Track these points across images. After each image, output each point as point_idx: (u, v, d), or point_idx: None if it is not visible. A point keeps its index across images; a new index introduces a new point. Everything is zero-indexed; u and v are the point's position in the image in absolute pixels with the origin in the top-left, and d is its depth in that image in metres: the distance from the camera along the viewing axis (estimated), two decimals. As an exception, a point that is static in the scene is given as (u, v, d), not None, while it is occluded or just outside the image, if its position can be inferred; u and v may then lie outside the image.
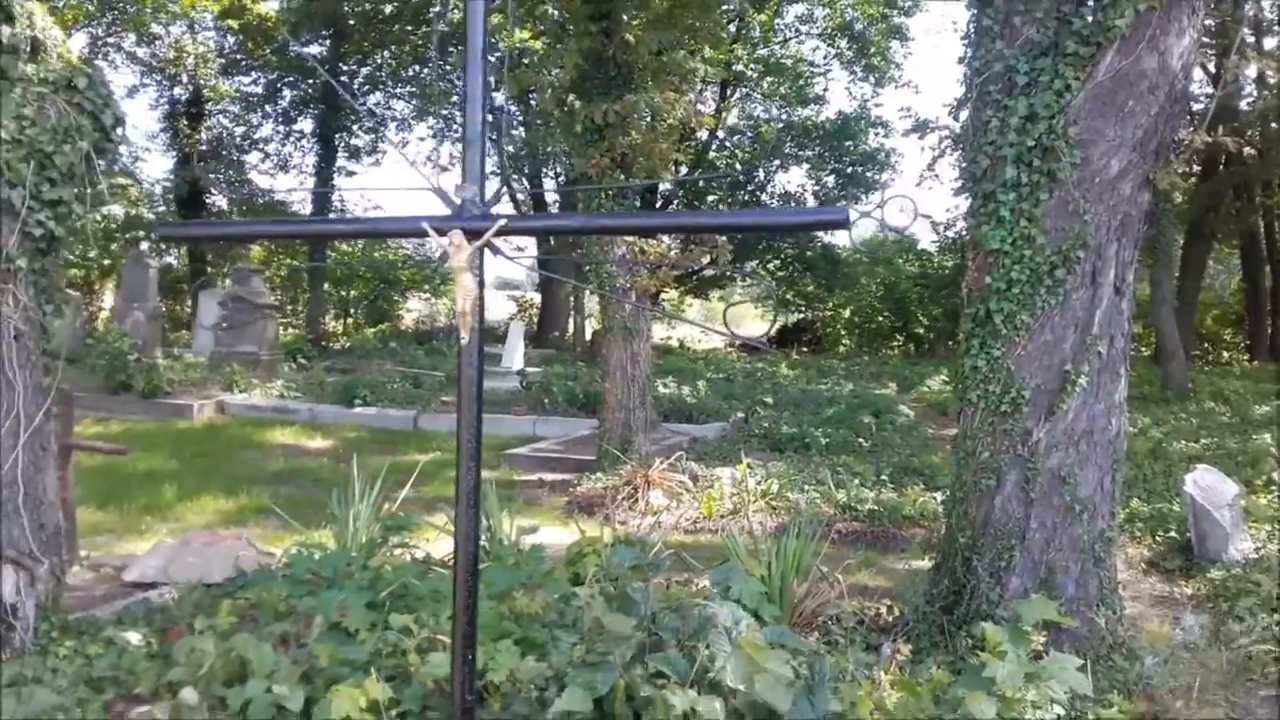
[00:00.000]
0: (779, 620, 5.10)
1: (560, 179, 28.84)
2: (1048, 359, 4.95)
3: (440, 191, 1.99)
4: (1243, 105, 20.92)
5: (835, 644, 5.00)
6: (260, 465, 10.74)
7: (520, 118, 27.44)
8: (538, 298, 33.54)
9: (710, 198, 31.61)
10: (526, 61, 10.11)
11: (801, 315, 35.33)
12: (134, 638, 4.18)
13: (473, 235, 1.89)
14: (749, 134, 31.47)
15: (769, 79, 30.52)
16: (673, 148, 9.44)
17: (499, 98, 29.14)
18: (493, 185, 2.01)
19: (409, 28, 25.47)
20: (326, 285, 31.00)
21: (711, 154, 30.86)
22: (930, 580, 5.42)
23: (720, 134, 30.88)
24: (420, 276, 34.95)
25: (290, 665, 3.31)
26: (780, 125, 30.96)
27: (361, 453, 11.11)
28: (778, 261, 32.76)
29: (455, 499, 1.95)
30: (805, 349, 30.75)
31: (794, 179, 36.68)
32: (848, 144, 30.43)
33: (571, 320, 30.83)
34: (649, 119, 9.55)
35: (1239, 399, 15.48)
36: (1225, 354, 30.57)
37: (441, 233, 1.92)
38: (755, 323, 46.51)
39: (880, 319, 33.42)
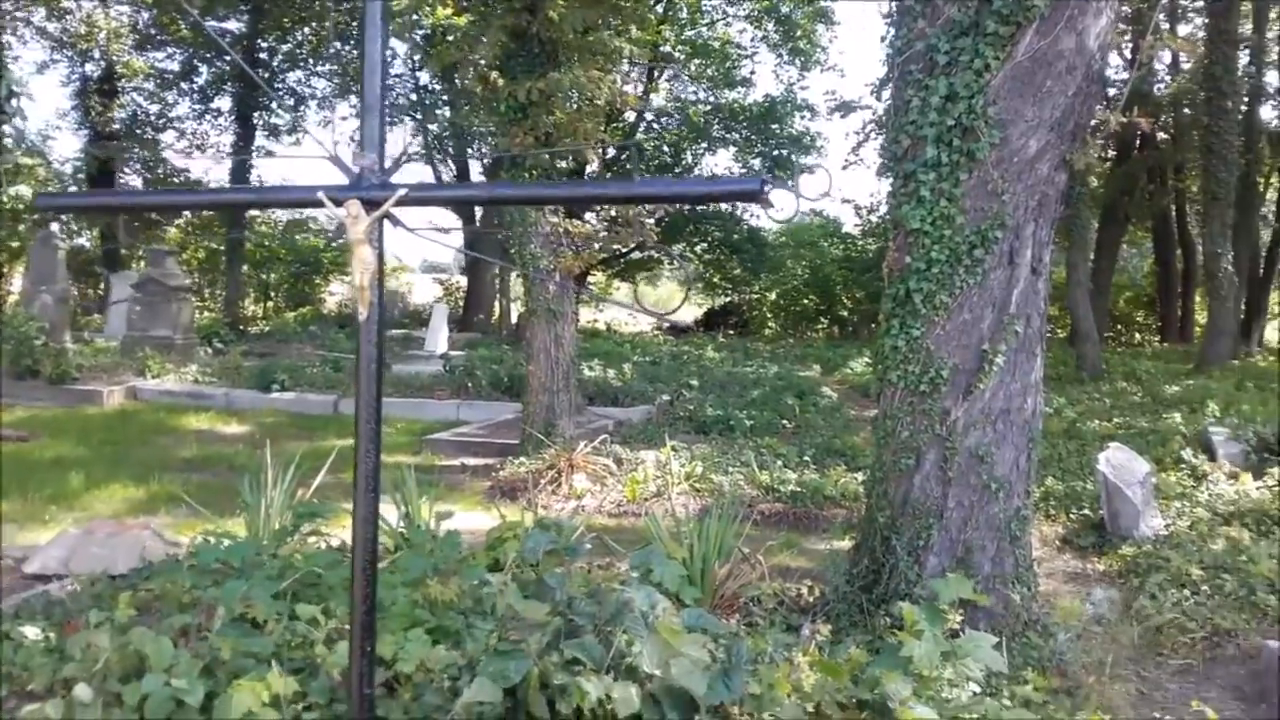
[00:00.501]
0: (700, 602, 5.07)
1: (486, 159, 28.49)
2: (966, 339, 4.98)
3: (337, 160, 1.89)
4: (1156, 90, 21.45)
5: (755, 625, 4.99)
6: (173, 452, 10.42)
7: (445, 97, 27.04)
8: (464, 281, 33.18)
9: (638, 179, 31.48)
10: (451, 39, 9.88)
11: (728, 298, 35.49)
12: (31, 632, 3.98)
13: (371, 205, 1.79)
14: (677, 116, 31.39)
15: (696, 61, 30.48)
16: (597, 127, 9.33)
17: (423, 76, 28.77)
18: (394, 152, 1.92)
19: (329, 3, 24.88)
20: (246, 268, 30.26)
21: (639, 135, 30.73)
22: (850, 560, 5.44)
23: (648, 116, 30.77)
24: (343, 259, 34.38)
25: (190, 659, 3.17)
26: (708, 108, 30.96)
27: (279, 438, 10.87)
28: (704, 244, 32.80)
29: (354, 483, 1.86)
30: (732, 332, 30.92)
31: (721, 161, 36.78)
32: (774, 127, 30.53)
33: (497, 303, 30.55)
34: (574, 98, 9.43)
35: (1150, 379, 15.90)
36: (1138, 335, 31.44)
37: (338, 203, 1.82)
38: (683, 306, 46.58)
39: (805, 302, 33.71)
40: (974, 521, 4.98)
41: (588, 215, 10.08)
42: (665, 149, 31.25)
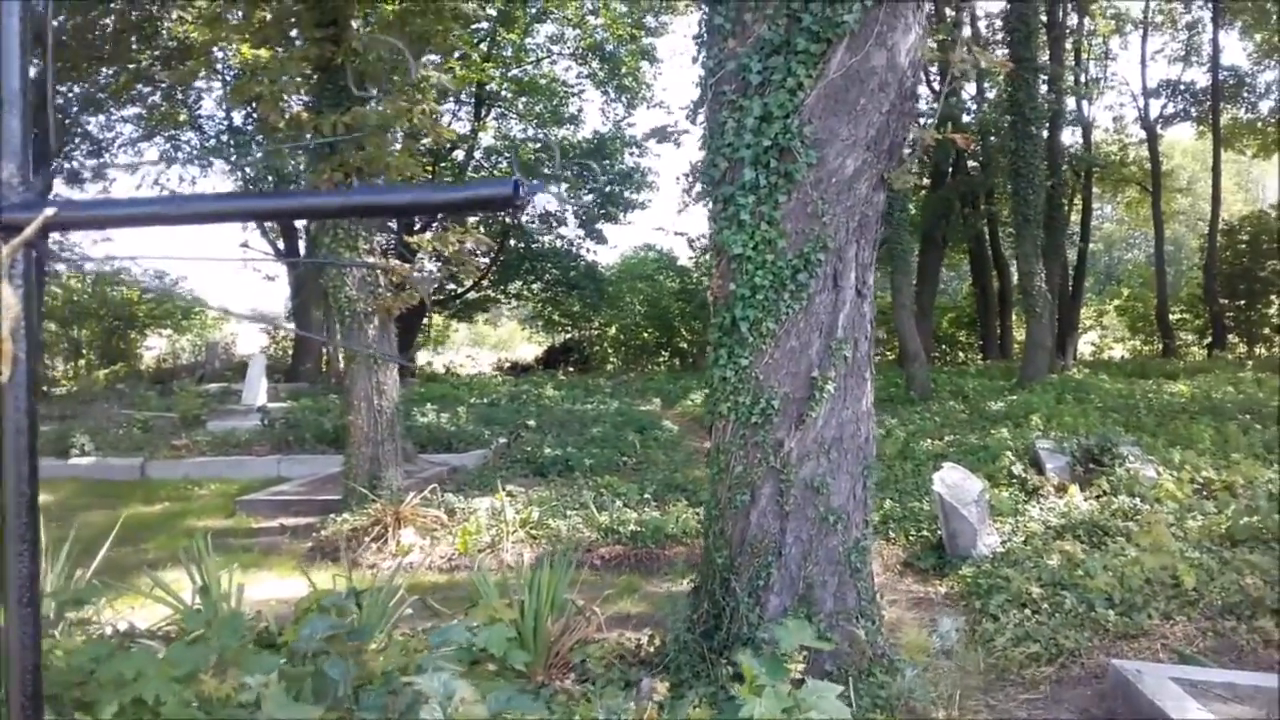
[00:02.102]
0: (531, 666, 4.68)
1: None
2: (794, 366, 4.78)
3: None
4: (965, 118, 22.36)
5: (592, 684, 4.63)
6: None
7: (260, 137, 25.95)
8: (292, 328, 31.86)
9: (471, 219, 30.98)
10: (256, 75, 9.27)
11: (569, 335, 35.30)
12: None
13: (9, 231, 1.36)
14: (506, 154, 31.07)
15: (524, 99, 30.31)
16: (411, 160, 8.89)
17: (237, 117, 27.52)
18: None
19: (134, 45, 23.49)
20: (54, 325, 28.27)
21: (469, 175, 30.28)
22: (690, 604, 5.14)
23: (477, 154, 30.40)
24: (161, 312, 32.69)
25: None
26: (537, 145, 30.77)
27: (75, 509, 9.95)
28: (541, 283, 32.51)
29: (3, 599, 1.42)
30: (571, 369, 30.66)
31: (554, 199, 36.76)
32: (605, 163, 30.58)
33: (325, 350, 29.42)
34: (388, 131, 8.98)
35: (976, 396, 16.35)
36: (962, 354, 32.72)
37: (-32, 230, 1.38)
38: (523, 345, 46.24)
39: (645, 335, 33.82)
40: (813, 556, 4.76)
41: (425, 259, 9.63)
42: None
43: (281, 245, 29.56)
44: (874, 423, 5.08)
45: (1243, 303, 30.39)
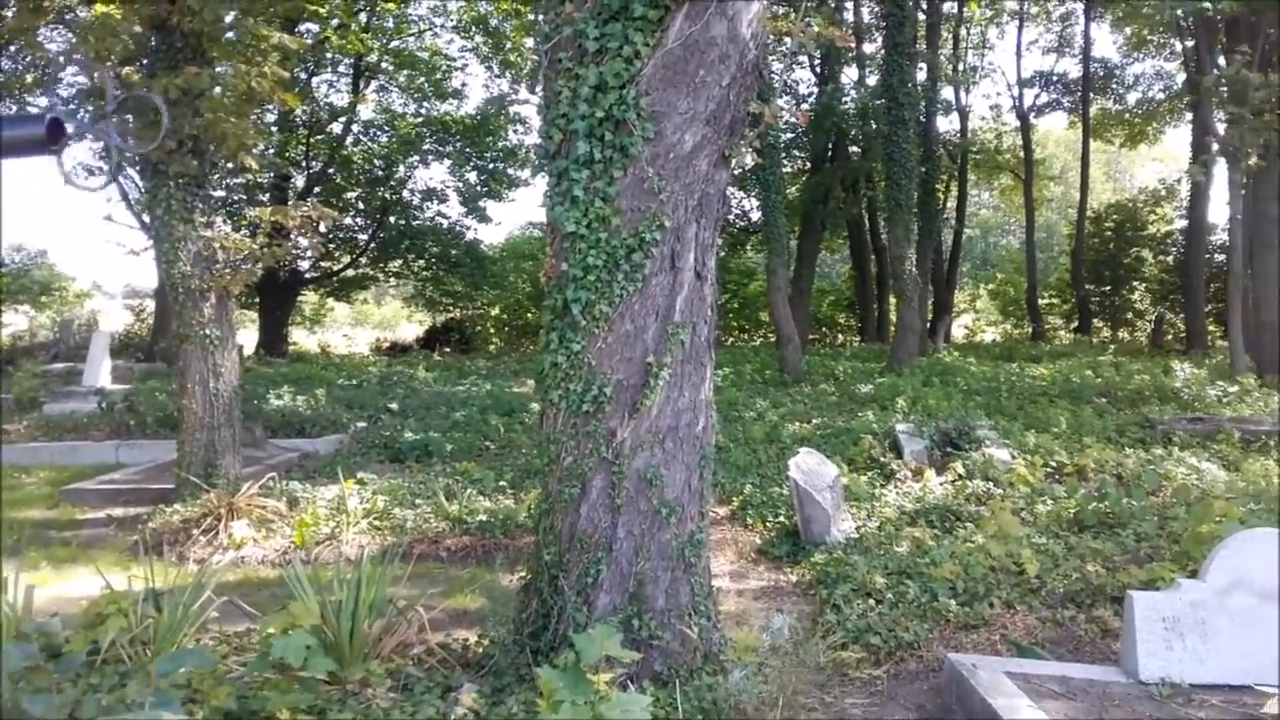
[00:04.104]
0: (338, 675, 4.33)
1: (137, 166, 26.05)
2: (629, 351, 4.52)
3: None
4: (845, 103, 22.47)
5: (410, 690, 4.32)
6: None
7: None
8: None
9: (349, 194, 30.07)
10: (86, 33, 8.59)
11: (450, 315, 34.56)
12: None
13: None
14: (387, 129, 30.14)
15: (405, 72, 29.43)
16: (251, 128, 8.34)
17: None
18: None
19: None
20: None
21: (348, 149, 29.32)
22: (519, 603, 4.87)
23: (356, 127, 29.45)
24: (17, 286, 30.96)
25: None
26: (419, 120, 29.91)
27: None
28: (422, 261, 31.68)
29: None
30: (448, 349, 30.01)
31: (436, 174, 36.01)
32: (488, 140, 29.89)
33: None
34: (223, 95, 8.41)
35: (847, 379, 16.41)
36: (841, 336, 33.12)
37: None
38: (406, 325, 45.24)
39: (529, 315, 33.30)
40: (645, 551, 4.52)
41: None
42: (376, 161, 29.98)
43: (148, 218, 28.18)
44: (713, 411, 4.87)
45: (1108, 288, 31.49)
